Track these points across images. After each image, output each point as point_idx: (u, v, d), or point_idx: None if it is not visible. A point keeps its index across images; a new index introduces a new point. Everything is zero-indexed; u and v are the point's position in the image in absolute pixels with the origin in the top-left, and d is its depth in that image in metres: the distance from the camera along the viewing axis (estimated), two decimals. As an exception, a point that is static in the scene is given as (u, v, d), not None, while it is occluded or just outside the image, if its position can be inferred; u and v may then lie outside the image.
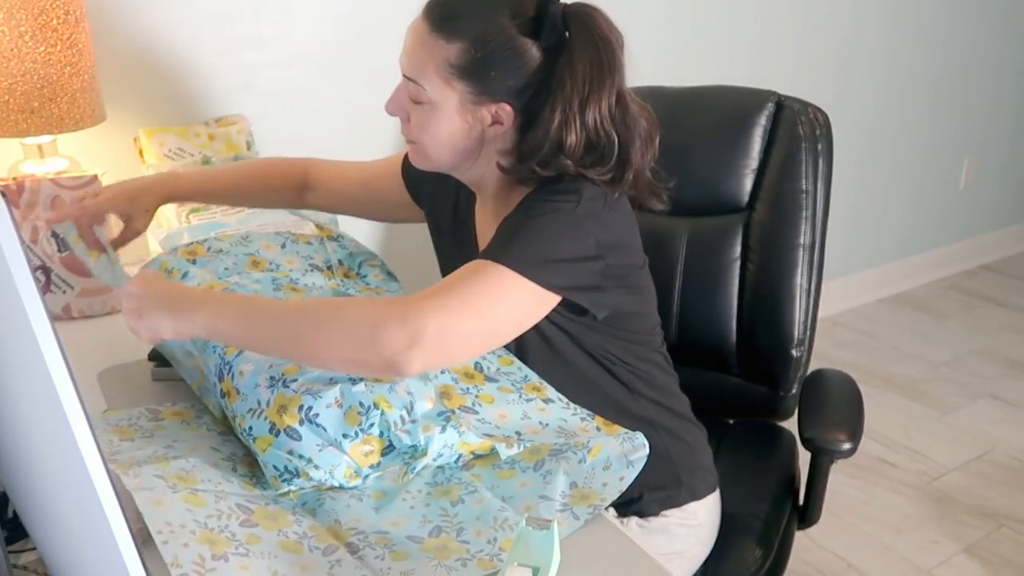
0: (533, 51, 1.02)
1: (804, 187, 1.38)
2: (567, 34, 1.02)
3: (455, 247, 1.26)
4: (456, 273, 0.98)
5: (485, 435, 0.98)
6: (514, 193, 1.10)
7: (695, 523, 1.20)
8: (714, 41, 2.55)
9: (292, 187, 1.39)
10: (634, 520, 1.17)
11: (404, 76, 1.07)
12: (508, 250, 0.98)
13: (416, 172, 1.22)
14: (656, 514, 1.18)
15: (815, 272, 1.41)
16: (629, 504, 1.16)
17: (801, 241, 1.39)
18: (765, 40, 2.64)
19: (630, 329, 1.14)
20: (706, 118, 1.50)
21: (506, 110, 1.04)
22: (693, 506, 1.19)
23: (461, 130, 1.06)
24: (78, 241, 1.19)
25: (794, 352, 1.41)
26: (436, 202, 1.29)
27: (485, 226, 1.19)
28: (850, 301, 3.27)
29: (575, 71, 1.01)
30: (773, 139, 1.42)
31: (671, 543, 1.18)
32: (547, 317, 1.03)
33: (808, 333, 1.42)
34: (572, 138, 1.01)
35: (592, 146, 1.03)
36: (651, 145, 1.09)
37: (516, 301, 0.98)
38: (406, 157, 1.32)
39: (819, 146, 1.39)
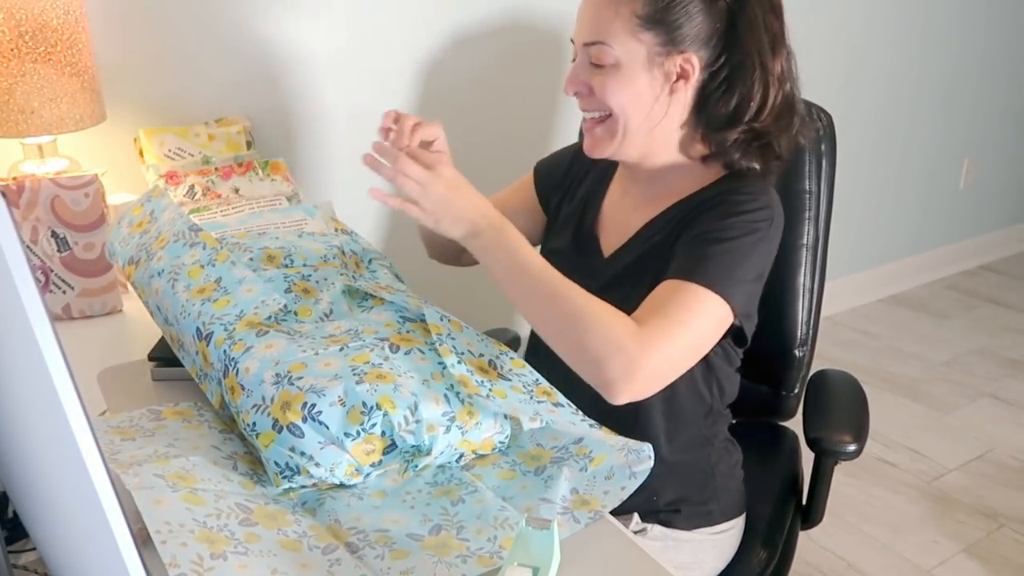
0: None
1: (807, 187, 1.38)
2: None
3: (569, 225, 1.23)
4: (664, 298, 0.98)
5: (504, 413, 0.98)
6: (678, 181, 1.10)
7: (721, 540, 1.20)
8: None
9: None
10: (658, 528, 1.16)
11: (583, 44, 1.05)
12: (710, 270, 0.99)
13: (547, 169, 1.21)
14: (686, 529, 1.17)
15: (818, 272, 1.40)
16: (657, 513, 1.15)
17: (804, 241, 1.39)
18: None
19: (740, 352, 1.15)
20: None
21: (692, 61, 1.02)
22: (722, 526, 1.19)
23: (648, 88, 1.04)
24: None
25: (797, 352, 1.41)
26: (565, 185, 1.27)
27: (625, 207, 1.17)
28: (850, 301, 3.27)
29: (756, 17, 0.99)
30: (776, 139, 1.42)
31: (695, 553, 1.18)
32: None
33: (811, 333, 1.41)
34: (759, 95, 1.00)
35: (786, 102, 1.03)
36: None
37: (713, 319, 1.00)
38: (535, 169, 1.33)
39: (822, 147, 1.38)
